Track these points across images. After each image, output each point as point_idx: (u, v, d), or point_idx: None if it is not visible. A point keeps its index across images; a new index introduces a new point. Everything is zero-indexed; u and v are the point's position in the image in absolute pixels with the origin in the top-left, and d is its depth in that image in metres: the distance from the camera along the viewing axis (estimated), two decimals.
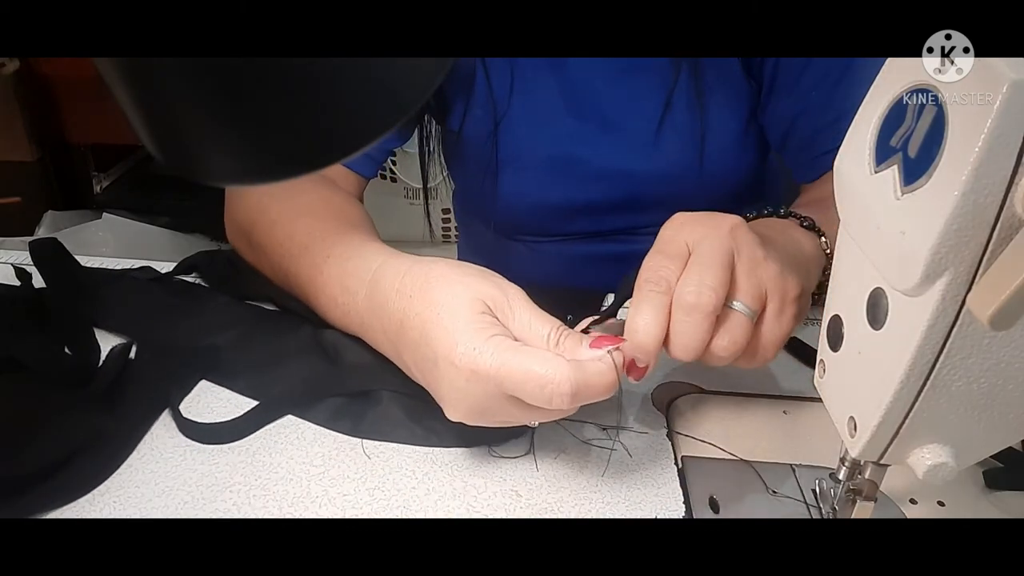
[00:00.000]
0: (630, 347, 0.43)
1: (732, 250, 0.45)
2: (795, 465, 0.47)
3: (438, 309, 0.44)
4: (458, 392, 0.42)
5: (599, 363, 0.42)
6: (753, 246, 0.46)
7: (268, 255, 0.60)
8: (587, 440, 0.49)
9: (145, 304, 0.59)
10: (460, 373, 0.42)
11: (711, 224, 0.46)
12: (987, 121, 0.26)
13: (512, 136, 0.70)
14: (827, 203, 0.39)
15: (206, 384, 0.52)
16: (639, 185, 0.69)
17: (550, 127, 0.69)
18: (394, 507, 0.44)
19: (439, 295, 0.45)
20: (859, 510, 0.40)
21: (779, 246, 0.49)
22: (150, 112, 0.28)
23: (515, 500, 0.44)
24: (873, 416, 0.34)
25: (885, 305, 0.33)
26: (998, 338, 0.31)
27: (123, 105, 0.28)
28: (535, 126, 0.69)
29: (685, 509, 0.44)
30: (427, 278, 0.46)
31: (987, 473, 0.46)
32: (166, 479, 0.45)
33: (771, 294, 0.45)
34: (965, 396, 0.32)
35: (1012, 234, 0.27)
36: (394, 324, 0.47)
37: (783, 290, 0.46)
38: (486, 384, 0.41)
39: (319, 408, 0.50)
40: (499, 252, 0.78)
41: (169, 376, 0.51)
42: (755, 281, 0.45)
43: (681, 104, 0.66)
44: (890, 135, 0.31)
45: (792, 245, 0.51)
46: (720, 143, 0.67)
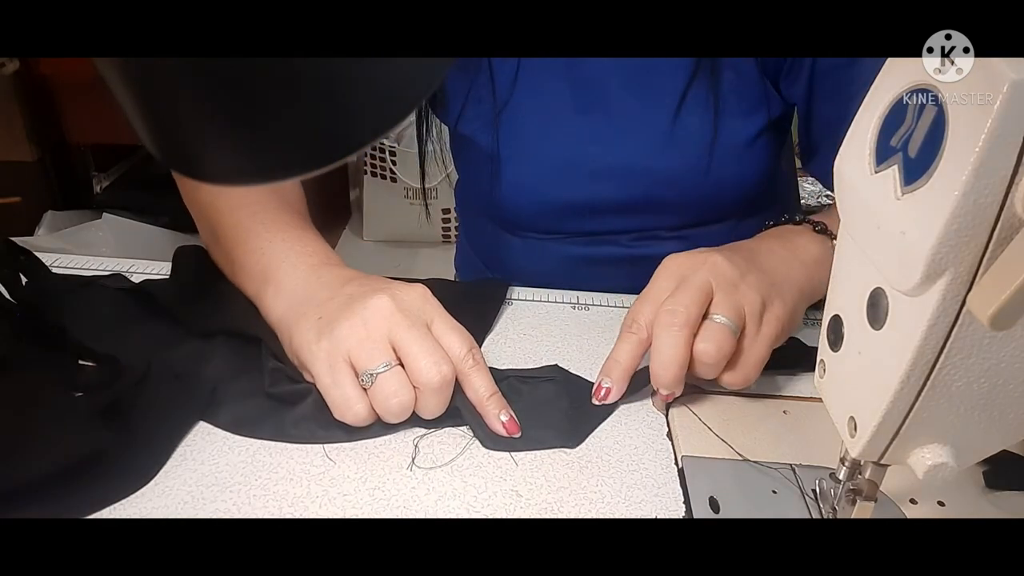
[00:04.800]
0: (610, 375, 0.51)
1: (709, 279, 0.50)
2: (795, 465, 0.47)
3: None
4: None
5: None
6: (730, 273, 0.51)
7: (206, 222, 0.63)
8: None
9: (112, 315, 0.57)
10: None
11: (693, 261, 0.52)
12: (987, 121, 0.26)
13: (516, 130, 0.70)
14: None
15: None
16: (646, 186, 0.69)
17: (556, 123, 0.69)
18: (394, 507, 0.44)
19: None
20: (859, 510, 0.40)
21: (769, 266, 0.54)
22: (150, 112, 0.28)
23: (515, 500, 0.44)
24: (873, 416, 0.34)
25: (885, 305, 0.33)
26: (998, 338, 0.31)
27: (123, 105, 0.28)
28: (541, 121, 0.69)
29: (685, 509, 0.44)
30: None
31: (987, 473, 0.46)
32: (166, 479, 0.45)
33: (749, 314, 0.50)
34: (965, 396, 0.32)
35: (1012, 234, 0.27)
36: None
37: (760, 310, 0.51)
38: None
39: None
40: (500, 247, 0.78)
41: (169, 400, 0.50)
42: (733, 301, 0.50)
43: (694, 106, 0.66)
44: (890, 135, 0.31)
45: (795, 252, 0.56)
46: (730, 147, 0.66)
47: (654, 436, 0.50)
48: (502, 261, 0.79)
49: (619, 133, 0.68)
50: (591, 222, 0.72)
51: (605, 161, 0.68)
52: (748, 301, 0.50)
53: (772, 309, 0.51)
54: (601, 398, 0.51)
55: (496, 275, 0.81)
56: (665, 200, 0.69)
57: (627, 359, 0.51)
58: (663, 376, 0.48)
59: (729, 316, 0.49)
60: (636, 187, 0.69)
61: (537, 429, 0.49)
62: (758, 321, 0.50)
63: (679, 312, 0.48)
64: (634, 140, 0.68)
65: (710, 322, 0.49)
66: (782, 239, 0.58)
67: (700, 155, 0.66)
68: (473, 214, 0.84)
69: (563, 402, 0.52)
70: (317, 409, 0.49)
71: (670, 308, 0.49)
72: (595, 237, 0.73)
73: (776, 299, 0.51)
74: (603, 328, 0.61)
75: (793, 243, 0.57)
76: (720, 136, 0.66)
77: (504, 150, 0.70)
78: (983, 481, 0.46)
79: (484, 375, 0.49)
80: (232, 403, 0.50)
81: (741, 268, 0.51)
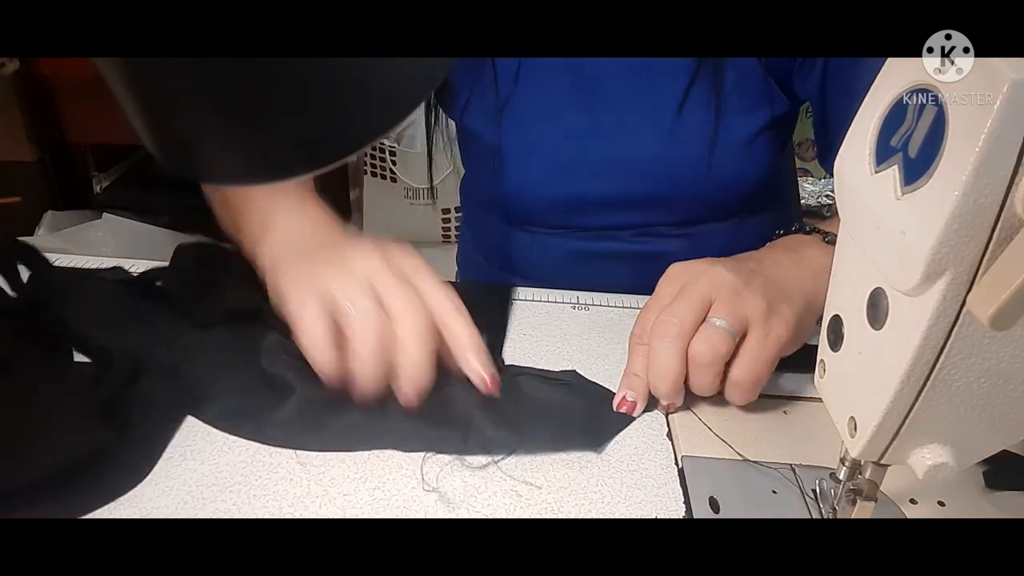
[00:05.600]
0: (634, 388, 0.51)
1: (708, 289, 0.50)
2: (795, 465, 0.47)
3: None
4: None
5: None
6: (732, 281, 0.50)
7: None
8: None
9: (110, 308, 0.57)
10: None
11: (695, 270, 0.52)
12: (987, 121, 0.26)
13: (519, 125, 0.70)
14: None
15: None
16: (648, 182, 0.69)
17: (559, 118, 0.69)
18: (394, 507, 0.44)
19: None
20: (859, 510, 0.40)
21: (774, 275, 0.53)
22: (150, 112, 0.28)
23: (515, 500, 0.44)
24: (873, 416, 0.34)
25: (885, 305, 0.33)
26: (998, 338, 0.31)
27: (123, 105, 0.28)
28: (543, 116, 0.70)
29: (685, 509, 0.44)
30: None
31: (987, 473, 0.46)
32: (166, 479, 0.45)
33: (753, 320, 0.49)
34: (965, 396, 0.32)
35: (1012, 234, 0.27)
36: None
37: (765, 313, 0.50)
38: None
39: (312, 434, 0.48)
40: (505, 242, 0.78)
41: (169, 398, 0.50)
42: (735, 308, 0.49)
43: (696, 102, 0.66)
44: (890, 135, 0.31)
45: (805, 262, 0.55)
46: (731, 146, 0.66)
47: (654, 436, 0.50)
48: (506, 256, 0.79)
49: (621, 128, 0.68)
50: (594, 217, 0.72)
51: (607, 156, 0.69)
52: (751, 306, 0.49)
53: (779, 313, 0.50)
54: (625, 409, 0.51)
55: (499, 271, 0.81)
56: (666, 196, 0.69)
57: (644, 370, 0.51)
58: (660, 387, 0.49)
59: (727, 320, 0.48)
60: (638, 182, 0.69)
61: (557, 429, 0.49)
62: (763, 324, 0.49)
63: (673, 323, 0.49)
64: (636, 135, 0.68)
65: (707, 325, 0.49)
66: (790, 250, 0.57)
67: (701, 152, 0.66)
68: (477, 209, 0.84)
69: (579, 405, 0.51)
70: (298, 414, 0.48)
71: (665, 319, 0.49)
72: (598, 232, 0.73)
73: (782, 304, 0.51)
74: (603, 328, 0.61)
75: (801, 253, 0.56)
76: (721, 133, 0.66)
77: (507, 145, 0.71)
78: (983, 481, 0.46)
79: (467, 326, 0.49)
80: (219, 398, 0.50)
81: (744, 276, 0.51)
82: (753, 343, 0.49)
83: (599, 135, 0.69)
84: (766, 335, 0.49)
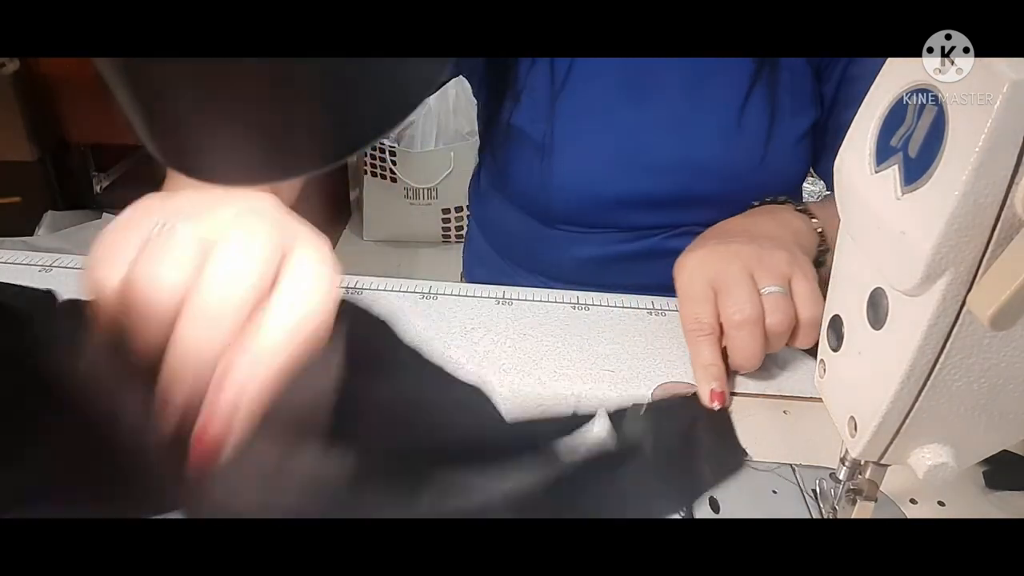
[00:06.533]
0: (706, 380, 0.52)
1: (745, 266, 0.53)
2: (795, 465, 0.47)
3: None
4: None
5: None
6: (752, 250, 0.54)
7: None
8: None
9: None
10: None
11: (716, 257, 0.55)
12: (987, 121, 0.26)
13: (570, 121, 0.70)
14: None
15: None
16: (701, 181, 0.70)
17: (611, 114, 0.69)
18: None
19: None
20: (859, 510, 0.40)
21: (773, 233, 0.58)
22: (150, 112, 0.28)
23: None
24: (873, 416, 0.34)
25: (885, 305, 0.33)
26: (998, 338, 0.31)
27: (123, 105, 0.28)
28: (595, 112, 0.70)
29: (685, 509, 0.44)
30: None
31: (987, 473, 0.46)
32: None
33: (790, 270, 0.53)
34: (965, 396, 0.32)
35: (1012, 234, 0.27)
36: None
37: (793, 262, 0.53)
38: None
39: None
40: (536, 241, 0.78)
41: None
42: (772, 271, 0.53)
43: (755, 103, 0.67)
44: (890, 135, 0.31)
45: (784, 223, 0.61)
46: (783, 146, 0.69)
47: None
48: (534, 255, 0.79)
49: (675, 126, 0.69)
50: (638, 215, 0.72)
51: (661, 154, 0.69)
52: (779, 261, 0.53)
53: (796, 256, 0.54)
54: (717, 401, 0.51)
55: (518, 270, 0.81)
56: (716, 195, 0.70)
57: (717, 358, 0.53)
58: (748, 367, 0.52)
59: (775, 283, 0.52)
60: (692, 181, 0.70)
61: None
62: (799, 268, 0.53)
63: (746, 309, 0.51)
64: (693, 134, 0.68)
65: (767, 297, 0.52)
66: (768, 213, 0.63)
67: (756, 151, 0.68)
68: (506, 207, 0.81)
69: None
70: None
71: (737, 308, 0.51)
72: (634, 233, 0.73)
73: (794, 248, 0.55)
74: (603, 328, 0.61)
75: (778, 216, 0.62)
76: (775, 134, 0.68)
77: (558, 141, 0.70)
78: (983, 481, 0.46)
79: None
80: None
81: (755, 241, 0.55)
82: (803, 287, 0.53)
83: (653, 133, 0.69)
84: (805, 275, 0.53)
